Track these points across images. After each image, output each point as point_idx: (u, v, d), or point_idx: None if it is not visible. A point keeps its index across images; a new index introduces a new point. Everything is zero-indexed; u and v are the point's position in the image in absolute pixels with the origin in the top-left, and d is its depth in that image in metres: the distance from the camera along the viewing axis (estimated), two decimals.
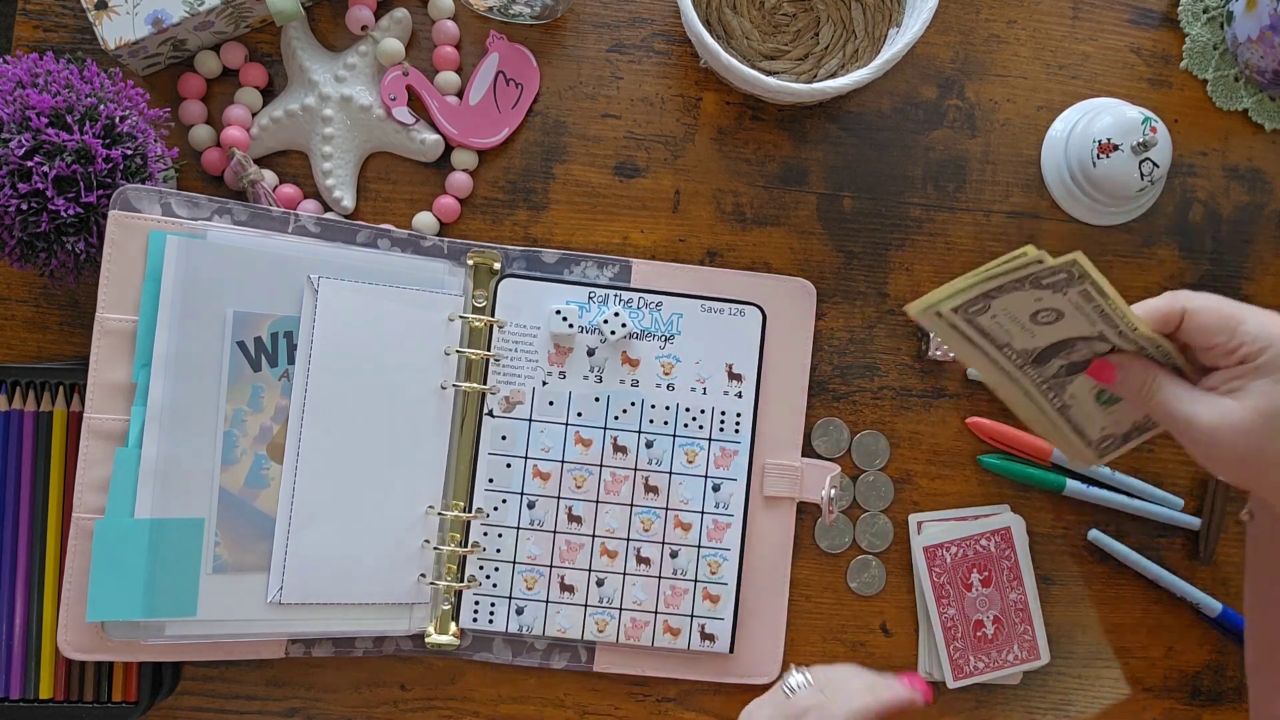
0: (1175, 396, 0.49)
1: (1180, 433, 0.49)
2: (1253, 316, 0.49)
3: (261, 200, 0.69)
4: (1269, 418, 0.47)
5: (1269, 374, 0.47)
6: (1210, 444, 0.48)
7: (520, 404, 0.69)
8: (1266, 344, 0.48)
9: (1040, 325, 0.52)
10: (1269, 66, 0.72)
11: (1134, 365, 0.51)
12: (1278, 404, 0.47)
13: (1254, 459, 0.48)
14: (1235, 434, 0.47)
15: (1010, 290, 0.49)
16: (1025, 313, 0.51)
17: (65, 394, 0.66)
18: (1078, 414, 0.55)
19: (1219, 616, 0.74)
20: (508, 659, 0.70)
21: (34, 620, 0.65)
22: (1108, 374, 0.51)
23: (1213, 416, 0.48)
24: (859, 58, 0.72)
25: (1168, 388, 0.49)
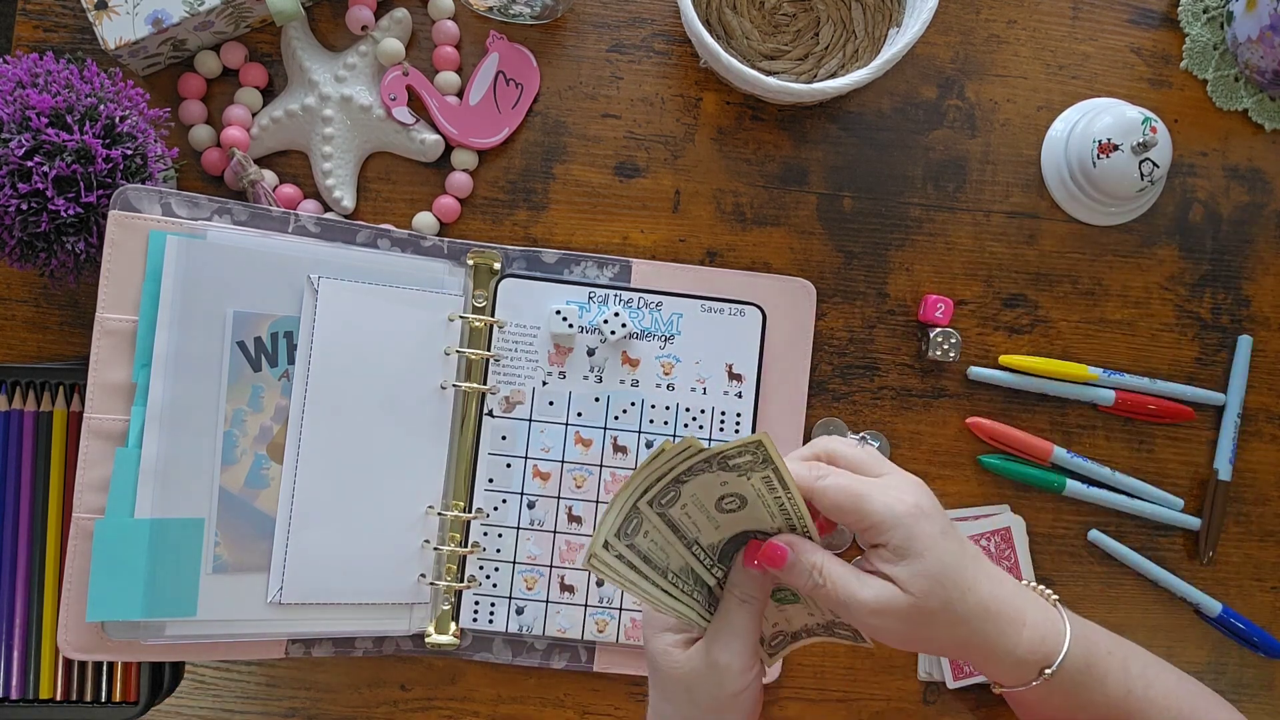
0: (843, 580, 0.48)
1: (846, 617, 0.48)
2: (880, 492, 0.47)
3: (261, 200, 0.69)
4: (924, 599, 0.47)
5: (905, 557, 0.47)
6: (877, 626, 0.47)
7: (520, 404, 0.69)
8: (894, 523, 0.47)
9: (724, 514, 0.49)
10: (1269, 66, 0.72)
11: (804, 546, 0.49)
12: (925, 583, 0.47)
13: (920, 635, 0.48)
14: (896, 615, 0.47)
15: (699, 472, 0.47)
16: (712, 498, 0.48)
17: (65, 394, 0.66)
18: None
19: (1219, 616, 0.74)
20: (508, 659, 0.70)
21: (34, 620, 0.65)
22: (779, 555, 0.48)
23: (875, 599, 0.47)
24: (859, 58, 0.72)
25: (834, 572, 0.48)
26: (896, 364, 0.74)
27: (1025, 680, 0.49)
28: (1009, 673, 0.50)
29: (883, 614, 0.47)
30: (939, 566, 0.47)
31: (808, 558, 0.48)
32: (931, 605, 0.47)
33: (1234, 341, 0.75)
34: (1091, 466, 0.73)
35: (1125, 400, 0.73)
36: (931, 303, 0.72)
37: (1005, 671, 0.50)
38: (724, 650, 0.50)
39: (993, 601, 0.49)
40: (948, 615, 0.47)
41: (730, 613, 0.50)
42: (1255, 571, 0.75)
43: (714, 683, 0.50)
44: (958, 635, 0.48)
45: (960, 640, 0.48)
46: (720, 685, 0.50)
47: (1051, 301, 0.74)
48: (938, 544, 0.47)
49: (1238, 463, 0.75)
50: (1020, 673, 0.49)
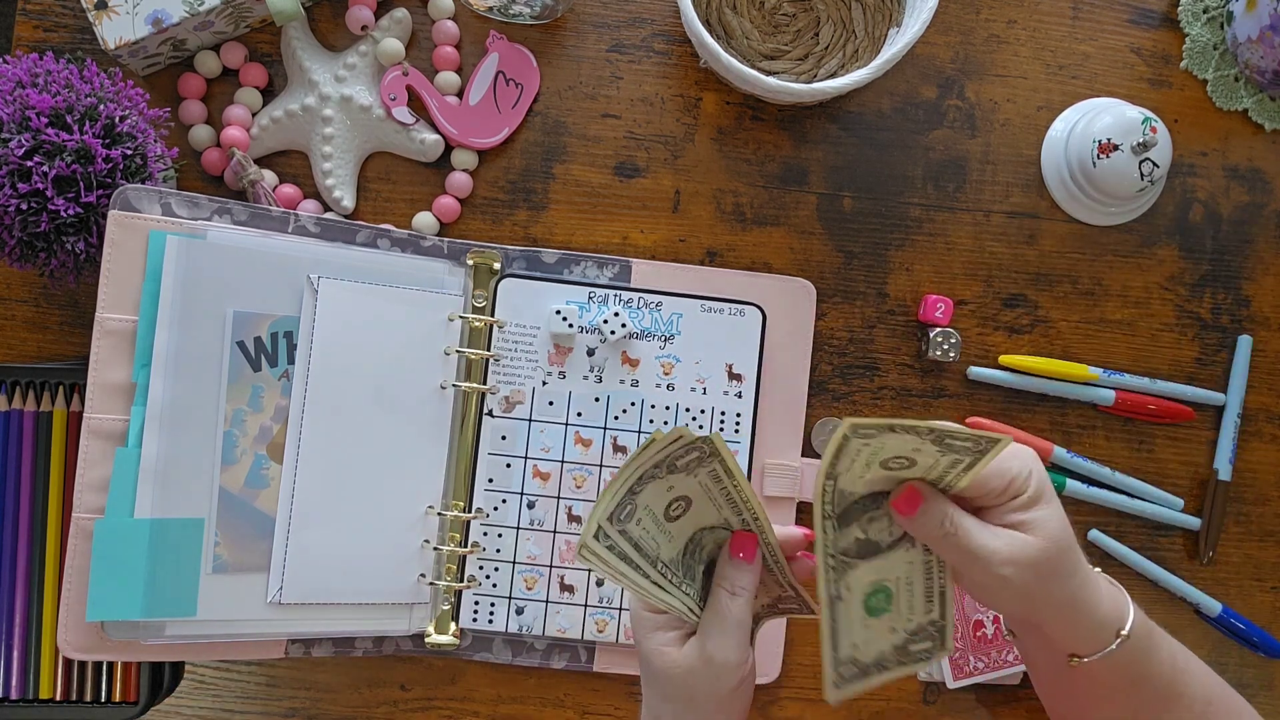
0: (975, 532, 0.48)
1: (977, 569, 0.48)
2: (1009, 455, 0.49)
3: (261, 200, 0.69)
4: (1056, 544, 0.48)
5: (1040, 501, 0.48)
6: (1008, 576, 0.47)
7: (520, 404, 0.69)
8: (1029, 470, 0.48)
9: (884, 470, 0.48)
10: (1269, 66, 0.72)
11: (935, 496, 0.48)
12: (1057, 526, 0.48)
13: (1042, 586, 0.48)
14: (1031, 566, 0.47)
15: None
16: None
17: (65, 394, 0.66)
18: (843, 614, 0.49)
19: (1219, 616, 0.74)
20: (508, 659, 0.70)
21: (34, 620, 0.65)
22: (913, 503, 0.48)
23: (1009, 549, 0.47)
24: (859, 58, 0.72)
25: (966, 522, 0.48)
26: (896, 364, 0.74)
27: (1104, 645, 0.50)
28: (1092, 635, 0.50)
29: (1015, 562, 0.47)
30: (1062, 513, 0.49)
31: (939, 506, 0.48)
32: (1057, 552, 0.48)
33: (1234, 341, 0.75)
34: (1091, 466, 0.73)
35: (1125, 400, 0.73)
36: (931, 303, 0.72)
37: (1089, 634, 0.50)
38: (719, 646, 0.50)
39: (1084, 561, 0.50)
40: (1066, 565, 0.48)
41: (721, 606, 0.50)
42: (1255, 571, 0.75)
43: (712, 678, 0.50)
44: (1067, 590, 0.48)
45: (1067, 597, 0.49)
46: (718, 680, 0.50)
47: (1051, 301, 0.74)
48: (1054, 492, 0.49)
49: (1238, 463, 0.75)
50: (1101, 636, 0.50)
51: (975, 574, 0.48)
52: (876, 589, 0.51)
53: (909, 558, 0.51)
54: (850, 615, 0.50)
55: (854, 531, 0.49)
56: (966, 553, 0.48)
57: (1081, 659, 0.50)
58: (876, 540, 0.50)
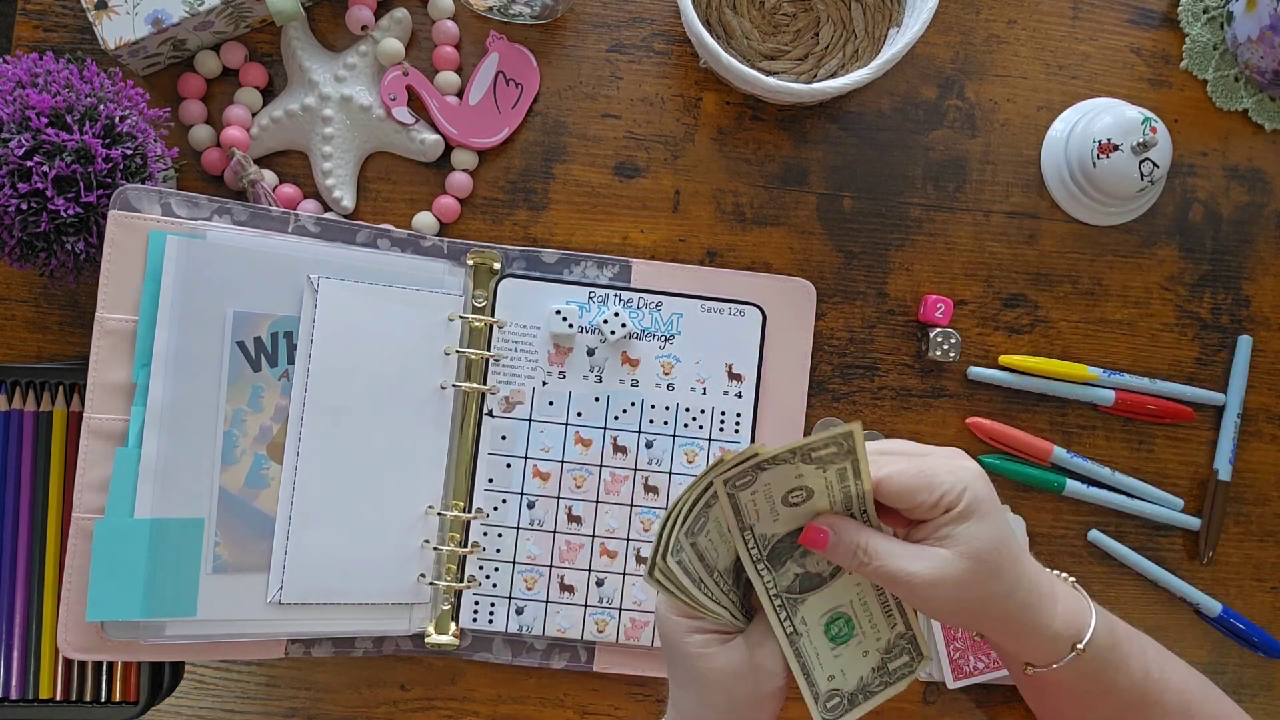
0: (891, 555, 0.48)
1: (901, 591, 0.48)
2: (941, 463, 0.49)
3: (261, 200, 0.69)
4: (981, 560, 0.47)
5: (971, 516, 0.48)
6: (932, 597, 0.47)
7: (520, 404, 0.69)
8: (963, 486, 0.48)
9: (787, 507, 0.49)
10: (1269, 66, 0.72)
11: (842, 525, 0.49)
12: (986, 544, 0.47)
13: (975, 604, 0.48)
14: (954, 583, 0.47)
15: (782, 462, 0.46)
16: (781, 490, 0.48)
17: (65, 394, 0.66)
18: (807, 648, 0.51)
19: (1219, 616, 0.74)
20: (508, 659, 0.70)
21: (34, 620, 0.65)
22: (820, 538, 0.49)
23: (930, 570, 0.47)
24: (859, 58, 0.72)
25: (881, 547, 0.48)
26: (896, 364, 0.74)
27: (1058, 657, 0.50)
28: (1045, 648, 0.50)
29: (939, 583, 0.47)
30: (997, 530, 0.48)
31: (850, 536, 0.48)
32: (988, 569, 0.47)
33: (1234, 341, 0.75)
34: (1091, 466, 0.73)
35: (1125, 400, 0.73)
36: (931, 303, 0.72)
37: (1041, 646, 0.50)
38: (769, 655, 0.50)
39: (1033, 573, 0.49)
40: (1000, 583, 0.48)
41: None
42: (1255, 571, 0.75)
43: (754, 681, 0.50)
44: (1008, 605, 0.48)
45: (1008, 611, 0.49)
46: (760, 683, 0.50)
47: (1051, 301, 0.74)
48: (996, 509, 0.49)
49: (1238, 463, 0.75)
50: (1055, 648, 0.50)
51: (903, 596, 0.49)
52: (834, 617, 0.51)
53: (855, 579, 0.51)
54: (815, 648, 0.51)
55: (791, 569, 0.50)
56: (888, 578, 0.48)
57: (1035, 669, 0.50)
58: (817, 571, 0.51)
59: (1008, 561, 0.48)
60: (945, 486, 0.48)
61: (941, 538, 0.48)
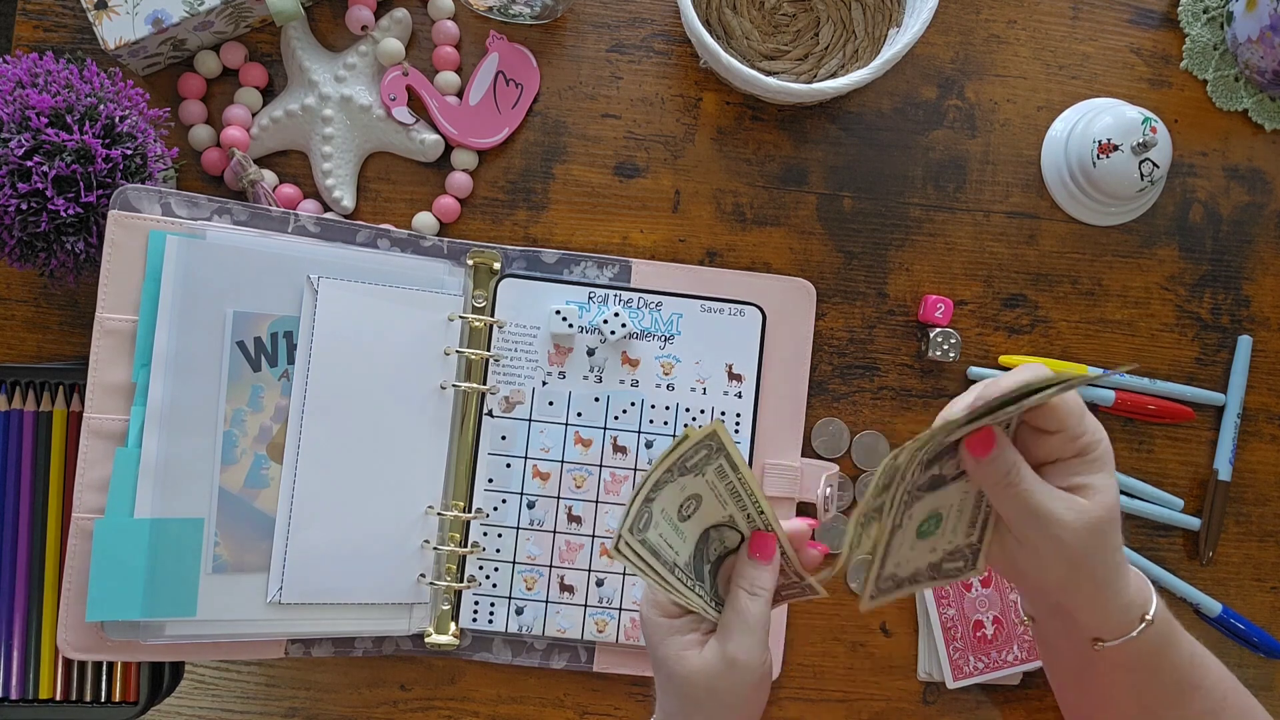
0: (1037, 487, 0.48)
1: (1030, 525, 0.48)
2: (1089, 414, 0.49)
3: (261, 200, 0.69)
4: (1109, 511, 0.48)
5: (1105, 468, 0.48)
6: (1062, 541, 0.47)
7: (520, 404, 0.69)
8: (1100, 438, 0.49)
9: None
10: (1269, 66, 0.72)
11: (1007, 444, 0.48)
12: (1113, 498, 0.48)
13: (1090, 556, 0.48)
14: (1085, 532, 0.47)
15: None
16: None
17: (65, 394, 0.66)
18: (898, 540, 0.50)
19: (1219, 616, 0.74)
20: (508, 659, 0.70)
21: (34, 620, 0.65)
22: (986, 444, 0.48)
23: (1068, 512, 0.47)
24: (859, 58, 0.72)
25: (1030, 477, 0.48)
26: (896, 364, 0.74)
27: (1128, 628, 0.50)
28: (1118, 619, 0.50)
29: (1071, 525, 0.47)
30: (1117, 487, 0.49)
31: (1008, 456, 0.48)
32: (1111, 522, 0.48)
33: (1234, 341, 0.75)
34: None
35: (1125, 400, 0.73)
36: (931, 303, 0.72)
37: (1116, 617, 0.50)
38: (739, 646, 0.50)
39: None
40: (1114, 539, 0.48)
41: (741, 607, 0.50)
42: (1255, 571, 0.75)
43: (734, 679, 0.50)
44: (1108, 565, 0.49)
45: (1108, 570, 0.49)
46: (741, 680, 0.50)
47: (1051, 301, 0.74)
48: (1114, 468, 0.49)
49: (1238, 463, 0.75)
50: (1126, 619, 0.50)
51: (1029, 531, 0.48)
52: (930, 515, 0.51)
53: (966, 488, 0.51)
54: (903, 540, 0.51)
55: (932, 470, 0.50)
56: (1025, 507, 0.48)
57: (1105, 643, 0.50)
58: (944, 474, 0.50)
59: (1119, 520, 0.49)
60: (1090, 427, 0.48)
61: (1077, 486, 0.48)
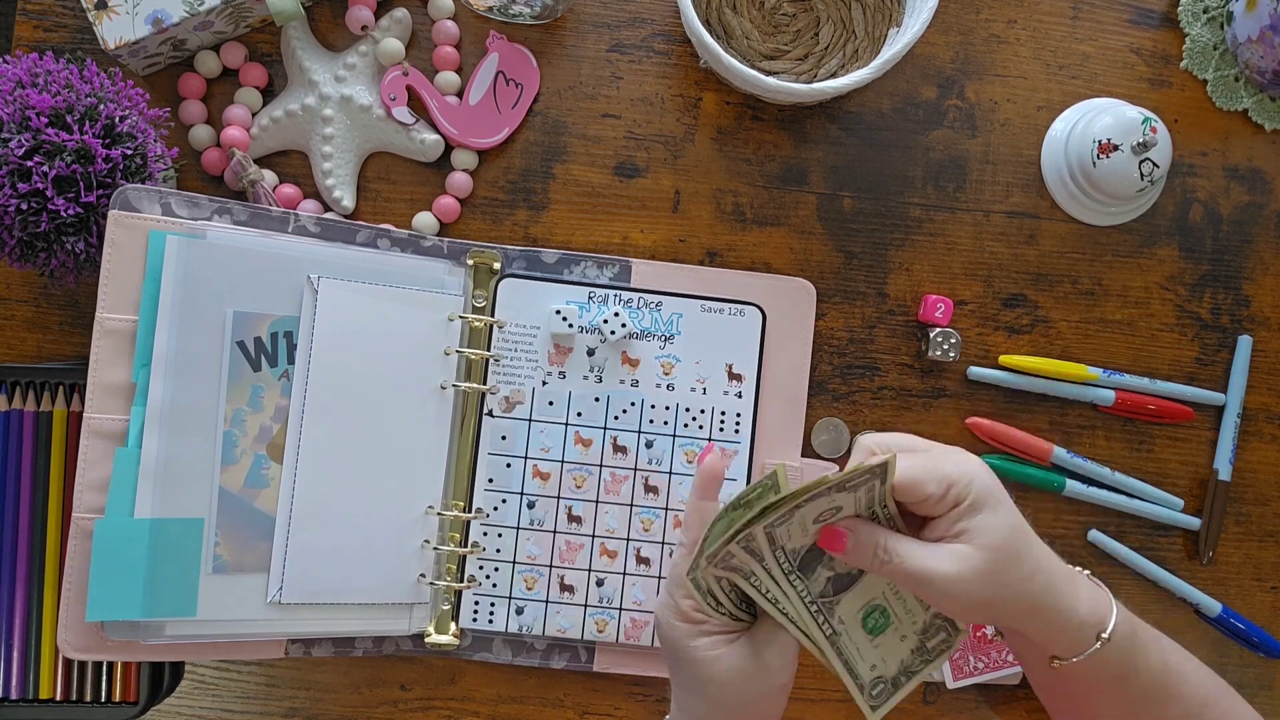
0: (910, 555, 0.48)
1: (922, 590, 0.48)
2: (945, 458, 0.49)
3: (261, 200, 0.69)
4: (999, 550, 0.47)
5: (983, 508, 0.48)
6: (955, 594, 0.47)
7: (520, 404, 0.69)
8: (969, 478, 0.48)
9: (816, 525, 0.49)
10: (1269, 66, 0.72)
11: (861, 528, 0.49)
12: (1001, 533, 0.48)
13: (998, 595, 0.48)
14: (976, 577, 0.47)
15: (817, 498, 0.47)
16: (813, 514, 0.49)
17: (65, 394, 0.66)
18: (847, 645, 0.51)
19: (1219, 616, 0.74)
20: (508, 659, 0.70)
21: (34, 620, 0.65)
22: (839, 541, 0.49)
23: (953, 567, 0.47)
24: (859, 58, 0.72)
25: (900, 547, 0.48)
26: (896, 364, 0.74)
27: (1085, 646, 0.50)
28: (1070, 638, 0.50)
29: (960, 578, 0.47)
30: (1010, 518, 0.48)
31: (869, 536, 0.48)
32: (1007, 558, 0.47)
33: (1234, 341, 0.75)
34: (1091, 466, 0.73)
35: (1125, 400, 0.73)
36: (931, 303, 0.72)
37: (1067, 637, 0.50)
38: (776, 654, 0.51)
39: (1050, 559, 0.50)
40: (1019, 571, 0.48)
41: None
42: (1255, 571, 0.75)
43: (763, 679, 0.51)
44: (1030, 589, 0.48)
45: (1032, 596, 0.48)
46: (768, 680, 0.51)
47: (1051, 301, 0.74)
48: (1005, 498, 0.49)
49: (1238, 463, 0.75)
50: (1080, 638, 0.50)
51: (926, 594, 0.49)
52: (869, 610, 0.52)
53: None
54: (855, 644, 0.51)
55: (822, 574, 0.51)
56: (908, 576, 0.48)
57: (1061, 661, 0.50)
58: (846, 571, 0.51)
59: (1024, 548, 0.48)
60: (952, 479, 0.48)
61: (957, 533, 0.48)
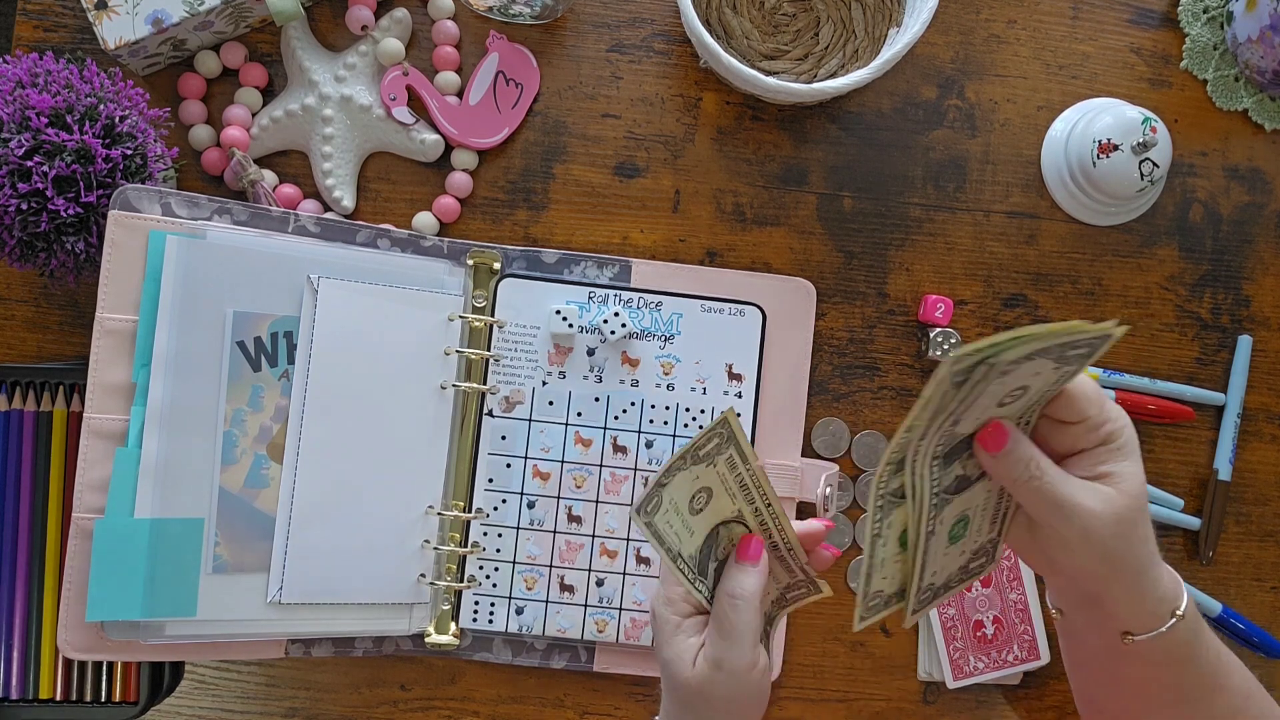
0: (1059, 480, 0.47)
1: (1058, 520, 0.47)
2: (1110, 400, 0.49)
3: (261, 200, 0.69)
4: (1137, 500, 0.47)
5: (1131, 455, 0.48)
6: (1091, 531, 0.46)
7: (520, 404, 0.69)
8: (1124, 424, 0.48)
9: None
10: (1269, 66, 0.72)
11: (1020, 436, 0.47)
12: (1139, 486, 0.47)
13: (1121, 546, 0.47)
14: (1113, 519, 0.46)
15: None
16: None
17: (65, 394, 0.66)
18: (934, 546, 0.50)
19: (1219, 616, 0.74)
20: (508, 659, 0.70)
21: (34, 620, 0.65)
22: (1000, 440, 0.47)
23: (1097, 504, 0.46)
24: (859, 58, 0.72)
25: (1051, 469, 0.47)
26: (896, 364, 0.74)
27: (1159, 622, 0.49)
28: (1150, 613, 0.49)
29: (1099, 515, 0.46)
30: (1143, 476, 0.48)
31: (1026, 448, 0.47)
32: (1139, 511, 0.47)
33: (1234, 341, 0.75)
34: None
35: (1125, 400, 0.73)
36: (931, 303, 0.72)
37: (1147, 611, 0.49)
38: (727, 653, 0.50)
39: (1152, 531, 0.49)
40: (1144, 529, 0.47)
41: (725, 615, 0.51)
42: (1255, 571, 0.75)
43: (726, 684, 0.51)
44: (1140, 556, 0.48)
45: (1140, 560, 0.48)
46: (732, 685, 0.51)
47: (1051, 301, 0.74)
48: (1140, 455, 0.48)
49: (1238, 463, 0.75)
50: (1158, 613, 0.49)
51: (1056, 524, 0.47)
52: (959, 518, 0.50)
53: (989, 486, 0.50)
54: (938, 548, 0.50)
55: (955, 469, 0.48)
56: (1049, 501, 0.46)
57: (1135, 637, 0.49)
58: (969, 474, 0.49)
59: (1146, 510, 0.48)
60: (1111, 415, 0.48)
61: (1102, 475, 0.47)
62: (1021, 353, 0.43)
